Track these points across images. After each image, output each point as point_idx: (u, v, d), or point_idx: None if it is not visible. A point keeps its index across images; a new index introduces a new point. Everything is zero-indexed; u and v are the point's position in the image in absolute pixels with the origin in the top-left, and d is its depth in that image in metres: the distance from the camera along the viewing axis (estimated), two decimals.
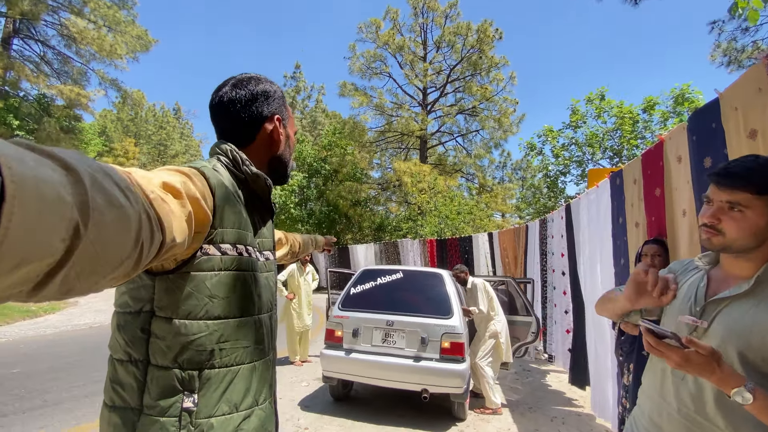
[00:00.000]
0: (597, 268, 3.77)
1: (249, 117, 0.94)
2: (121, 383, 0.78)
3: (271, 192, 0.95)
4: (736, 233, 0.96)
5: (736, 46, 10.89)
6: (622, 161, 8.12)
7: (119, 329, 0.80)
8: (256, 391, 0.87)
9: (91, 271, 0.41)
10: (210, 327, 0.78)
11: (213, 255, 0.78)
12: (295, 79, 32.82)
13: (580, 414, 4.05)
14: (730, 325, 0.94)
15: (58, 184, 0.35)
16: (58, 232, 0.35)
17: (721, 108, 1.96)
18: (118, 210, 0.43)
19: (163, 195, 0.60)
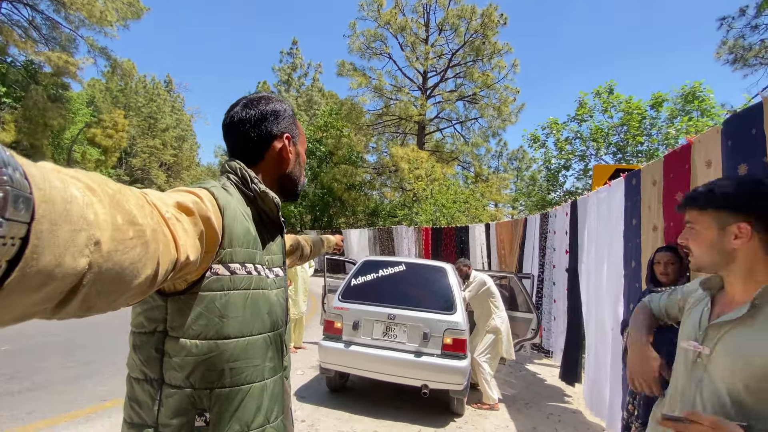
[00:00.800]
0: (603, 268, 3.71)
1: (258, 136, 0.95)
2: (138, 401, 0.80)
3: (279, 209, 0.96)
4: (696, 250, 1.01)
5: (743, 44, 10.78)
6: (626, 158, 8.05)
7: (135, 349, 0.82)
8: (268, 409, 0.88)
9: (111, 289, 0.43)
10: (221, 347, 0.80)
11: (222, 275, 0.79)
12: (291, 56, 31.92)
13: (575, 411, 4.06)
14: (733, 352, 0.93)
15: (83, 204, 0.38)
16: (82, 250, 0.37)
17: (765, 113, 1.84)
18: (137, 228, 0.45)
19: (177, 214, 0.63)
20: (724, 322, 0.97)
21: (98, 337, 5.24)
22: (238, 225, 0.82)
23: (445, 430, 3.36)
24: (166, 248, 0.54)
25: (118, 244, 0.42)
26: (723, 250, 0.96)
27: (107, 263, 0.40)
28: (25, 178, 0.32)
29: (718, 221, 0.96)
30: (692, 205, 1.01)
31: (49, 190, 0.34)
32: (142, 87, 32.20)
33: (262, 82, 33.36)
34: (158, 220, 0.53)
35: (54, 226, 0.34)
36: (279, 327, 0.94)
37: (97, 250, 0.39)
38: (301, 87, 31.89)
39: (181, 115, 37.65)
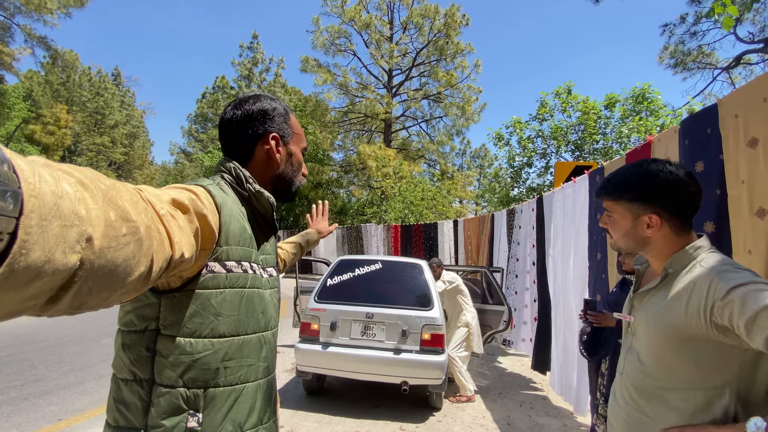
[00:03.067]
0: (570, 260, 3.90)
1: (244, 136, 0.95)
2: (125, 403, 0.78)
3: (274, 209, 0.95)
4: (615, 235, 1.08)
5: (683, 50, 11.70)
6: (584, 155, 8.53)
7: (124, 348, 0.79)
8: (261, 410, 0.87)
9: (103, 286, 0.42)
10: (215, 345, 0.79)
11: (218, 273, 0.79)
12: (252, 50, 30.82)
13: (545, 398, 4.25)
14: (648, 313, 1.03)
15: (74, 199, 0.37)
16: (73, 246, 0.36)
17: (719, 114, 2.00)
18: (130, 225, 0.45)
19: (173, 211, 0.62)
20: (644, 291, 1.07)
21: (44, 355, 4.83)
22: (235, 223, 0.82)
23: (426, 424, 3.40)
24: (160, 245, 0.53)
25: (111, 240, 0.41)
26: (637, 236, 1.03)
27: (99, 260, 0.40)
28: (14, 171, 0.31)
29: (631, 211, 1.02)
30: (607, 197, 1.07)
31: (38, 185, 0.33)
32: (87, 80, 29.85)
33: (221, 77, 32.06)
34: (152, 217, 0.53)
35: (44, 221, 0.33)
36: (273, 327, 0.94)
37: (89, 247, 0.38)
38: (263, 82, 30.90)
39: (132, 111, 35.36)
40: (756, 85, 1.77)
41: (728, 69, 10.97)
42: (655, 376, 0.98)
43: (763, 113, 1.73)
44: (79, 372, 4.19)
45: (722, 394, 0.89)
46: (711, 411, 0.90)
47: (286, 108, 1.01)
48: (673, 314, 0.94)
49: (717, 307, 0.85)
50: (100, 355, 4.82)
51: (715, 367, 0.90)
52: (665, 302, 0.98)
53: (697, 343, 0.91)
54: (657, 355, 0.98)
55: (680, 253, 0.99)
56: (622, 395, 1.07)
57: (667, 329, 0.95)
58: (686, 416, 0.92)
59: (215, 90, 32.21)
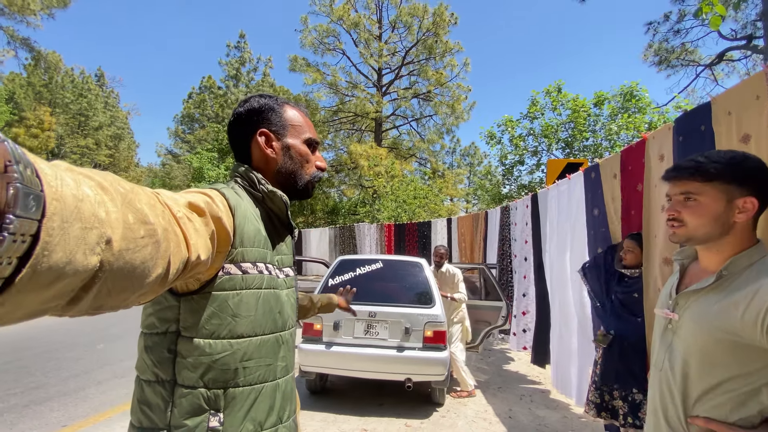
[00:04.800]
0: (566, 256, 3.98)
1: (236, 138, 0.98)
2: (149, 404, 0.79)
3: (288, 209, 0.96)
4: (695, 221, 0.99)
5: (667, 47, 11.97)
6: (574, 153, 8.70)
7: (147, 350, 0.81)
8: (280, 409, 0.88)
9: (122, 287, 0.43)
10: (234, 346, 0.80)
11: (234, 274, 0.80)
12: (239, 50, 30.47)
13: (544, 391, 4.34)
14: (697, 317, 1.00)
15: (94, 202, 0.38)
16: (93, 248, 0.37)
17: (712, 112, 2.08)
18: (148, 227, 0.46)
19: (189, 214, 0.63)
20: (692, 291, 1.04)
21: (40, 362, 4.75)
22: (249, 225, 0.83)
23: (431, 420, 3.45)
24: (177, 247, 0.54)
25: (129, 242, 0.42)
26: (726, 222, 0.97)
27: (118, 261, 0.41)
28: (37, 175, 0.32)
29: (726, 193, 0.96)
30: (696, 177, 0.99)
31: (60, 188, 0.34)
32: (70, 81, 29.16)
33: (207, 77, 31.62)
34: (170, 220, 0.54)
35: (65, 223, 0.34)
36: (290, 326, 0.95)
37: (108, 249, 0.39)
38: (250, 82, 30.58)
39: (116, 112, 34.62)
40: (749, 84, 1.85)
41: (711, 66, 11.28)
42: (696, 375, 0.99)
43: (755, 110, 1.81)
44: (78, 378, 4.13)
45: (759, 393, 0.91)
46: (745, 409, 0.92)
47: (280, 101, 1.00)
48: (729, 320, 0.92)
49: None
50: (98, 360, 4.76)
51: (756, 369, 0.91)
52: (719, 305, 0.95)
53: (745, 348, 0.91)
54: (701, 356, 0.98)
55: (741, 256, 0.97)
56: (660, 390, 1.08)
57: (717, 333, 0.94)
58: (722, 413, 0.94)
59: (202, 90, 31.77)
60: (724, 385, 0.95)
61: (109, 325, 6.73)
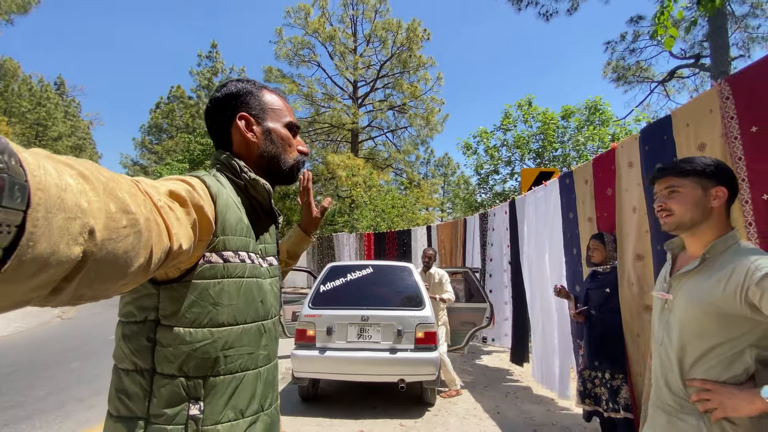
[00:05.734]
0: (545, 257, 4.23)
1: (217, 123, 0.95)
2: (127, 393, 0.78)
3: (271, 197, 0.95)
4: (681, 208, 1.19)
5: (623, 65, 12.89)
6: (544, 162, 9.19)
7: (125, 339, 0.80)
8: (262, 397, 0.88)
9: (104, 277, 0.43)
10: (214, 334, 0.80)
11: (216, 263, 0.79)
12: (211, 60, 30.03)
13: (527, 387, 4.54)
14: (687, 295, 1.18)
15: (77, 192, 0.38)
16: (76, 239, 0.37)
17: (673, 124, 2.36)
18: (130, 217, 0.45)
19: (170, 203, 0.63)
20: (682, 273, 1.22)
21: (11, 381, 4.49)
22: (231, 213, 0.82)
23: (424, 419, 3.55)
24: (158, 237, 0.53)
25: (112, 232, 0.42)
26: (705, 207, 1.17)
27: (101, 252, 0.40)
28: (21, 165, 0.32)
29: (701, 184, 1.18)
30: (674, 173, 1.22)
31: (44, 177, 0.34)
32: (27, 90, 27.69)
33: (176, 87, 30.93)
34: (151, 209, 0.53)
35: (49, 213, 0.34)
36: (273, 315, 0.94)
37: (91, 239, 0.39)
38: None
39: (77, 122, 33.07)
40: (703, 99, 2.13)
41: (663, 82, 12.24)
42: (690, 344, 1.16)
43: (709, 122, 2.09)
44: (56, 395, 3.95)
45: (743, 354, 1.09)
46: (733, 369, 1.10)
47: (258, 85, 0.98)
48: (713, 294, 1.11)
49: (751, 290, 1.03)
50: (74, 379, 4.55)
51: (740, 335, 1.09)
52: (705, 283, 1.14)
53: (729, 317, 1.09)
54: (694, 327, 1.16)
55: (719, 241, 1.16)
56: (661, 362, 1.25)
57: (705, 306, 1.12)
58: (714, 374, 1.12)
59: (171, 100, 31.00)
60: (715, 350, 1.13)
61: (82, 342, 6.43)
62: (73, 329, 7.76)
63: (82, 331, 7.58)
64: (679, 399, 1.20)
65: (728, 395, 1.08)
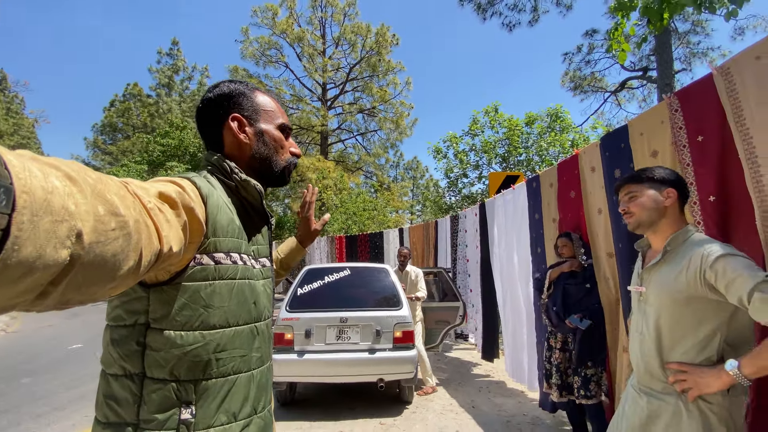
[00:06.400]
0: (514, 256, 4.45)
1: (209, 125, 0.95)
2: (116, 398, 0.77)
3: (263, 198, 0.94)
4: (638, 210, 1.40)
5: (580, 75, 13.71)
6: (510, 167, 9.61)
7: (113, 343, 0.78)
8: (255, 400, 0.87)
9: (92, 280, 0.42)
10: (206, 337, 0.79)
11: (207, 265, 0.79)
12: (171, 57, 28.82)
13: (499, 382, 4.74)
14: (657, 285, 1.36)
15: (64, 194, 0.37)
16: (63, 242, 0.36)
17: (629, 132, 2.59)
18: (119, 219, 0.45)
19: (160, 205, 0.62)
20: (650, 266, 1.39)
21: None
22: (222, 214, 0.82)
23: (403, 416, 3.63)
24: (148, 239, 0.53)
25: (100, 235, 0.41)
26: (660, 207, 1.37)
27: (89, 255, 0.40)
28: (5, 167, 0.32)
29: (654, 187, 1.39)
30: (631, 181, 1.44)
31: (29, 180, 0.33)
32: None
33: (132, 84, 29.42)
34: (140, 211, 0.52)
35: (35, 217, 0.33)
36: (266, 317, 0.94)
37: (79, 242, 0.38)
38: (185, 91, 29.00)
39: (21, 120, 30.64)
40: (656, 111, 2.36)
41: (615, 92, 13.14)
42: (666, 331, 1.30)
43: (661, 132, 2.32)
44: (11, 413, 3.67)
45: (714, 337, 1.24)
46: (705, 352, 1.24)
47: (251, 86, 0.98)
48: (678, 282, 1.27)
49: (707, 273, 1.20)
50: (27, 395, 4.25)
51: (709, 317, 1.24)
52: (669, 273, 1.31)
53: (696, 300, 1.24)
54: (666, 315, 1.31)
55: (678, 234, 1.35)
56: (641, 349, 1.39)
57: (673, 293, 1.28)
58: (690, 357, 1.27)
59: (127, 98, 29.43)
60: (688, 335, 1.28)
61: (30, 357, 5.99)
62: (18, 343, 7.20)
63: (29, 344, 7.05)
64: (658, 382, 1.34)
65: (700, 374, 1.24)
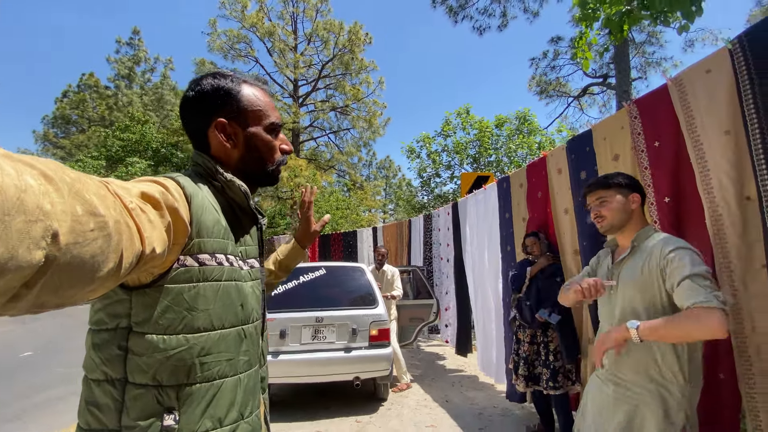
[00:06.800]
0: (485, 255, 4.59)
1: (192, 127, 0.91)
2: (98, 405, 0.75)
3: (249, 198, 0.91)
4: (610, 214, 1.54)
5: (545, 80, 14.27)
6: (480, 167, 9.89)
7: (95, 348, 0.76)
8: (242, 405, 0.85)
9: (69, 283, 0.41)
10: (190, 341, 0.77)
11: (191, 266, 0.77)
12: (132, 47, 27.37)
13: (471, 376, 4.89)
14: (624, 277, 1.50)
15: (38, 193, 0.36)
16: (38, 243, 0.35)
17: (593, 137, 2.76)
18: (98, 220, 0.44)
19: (143, 205, 0.60)
20: (619, 261, 1.55)
21: None
22: (207, 215, 0.80)
23: (378, 413, 3.67)
24: (129, 240, 0.51)
25: (78, 236, 0.40)
26: (627, 210, 1.53)
27: (65, 256, 0.39)
28: None
29: (622, 193, 1.54)
30: (602, 187, 1.57)
31: (0, 178, 0.32)
32: None
33: (88, 74, 27.70)
34: (121, 211, 0.51)
35: (6, 216, 0.32)
36: (254, 319, 0.91)
37: (55, 243, 0.37)
38: (147, 83, 27.64)
39: None
40: (617, 117, 2.52)
41: (578, 97, 13.77)
42: (632, 317, 1.44)
43: (621, 137, 2.48)
44: None
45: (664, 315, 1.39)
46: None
47: (236, 80, 0.91)
48: (642, 272, 1.43)
49: (661, 261, 1.37)
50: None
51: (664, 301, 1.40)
52: (635, 265, 1.47)
53: (656, 288, 1.41)
54: (628, 304, 1.46)
55: (641, 231, 1.51)
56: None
57: (638, 284, 1.44)
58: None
59: (81, 89, 27.68)
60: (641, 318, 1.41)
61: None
62: None
63: None
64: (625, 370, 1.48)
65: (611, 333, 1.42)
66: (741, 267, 1.54)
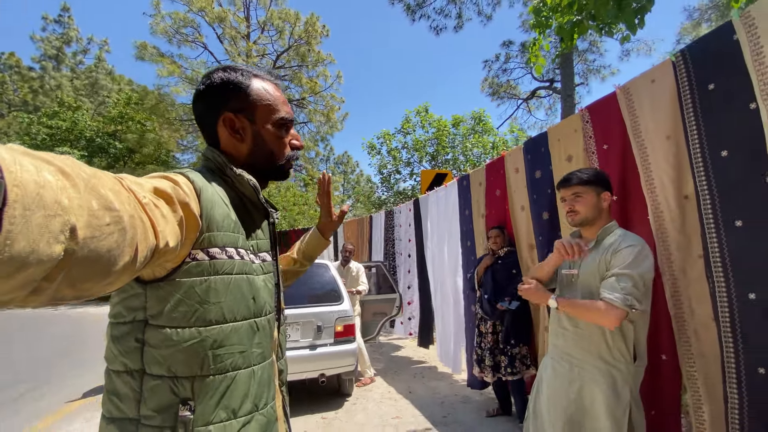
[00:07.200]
0: (444, 250, 4.74)
1: (203, 122, 0.93)
2: (118, 394, 0.78)
3: (259, 192, 0.92)
4: (584, 210, 1.65)
5: (497, 82, 14.89)
6: (438, 165, 10.14)
7: (114, 340, 0.79)
8: (256, 396, 0.86)
9: (87, 276, 0.42)
10: (202, 333, 0.78)
11: (201, 260, 0.78)
12: (61, 25, 24.72)
13: (432, 367, 5.04)
14: (586, 267, 1.64)
15: (57, 188, 0.37)
16: (57, 237, 0.36)
17: (548, 138, 2.94)
18: (113, 214, 0.45)
19: (156, 200, 0.62)
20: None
21: None
22: (217, 209, 0.81)
23: (344, 409, 3.68)
24: (144, 235, 0.53)
25: (95, 230, 0.41)
26: (599, 207, 1.65)
27: (83, 250, 0.39)
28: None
29: (595, 190, 1.64)
30: (578, 182, 1.66)
31: (20, 174, 0.33)
32: None
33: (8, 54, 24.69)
34: (135, 206, 0.52)
35: (27, 211, 0.33)
36: (267, 312, 0.92)
37: (73, 237, 0.38)
38: (78, 65, 25.12)
39: None
40: (570, 121, 2.71)
41: (527, 100, 14.54)
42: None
43: (574, 139, 2.67)
44: None
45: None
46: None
47: (246, 74, 0.92)
48: (601, 264, 1.57)
49: (612, 256, 1.52)
50: None
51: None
52: (595, 257, 1.61)
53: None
54: (587, 292, 1.60)
55: (606, 227, 1.65)
56: (569, 322, 1.66)
57: (595, 274, 1.59)
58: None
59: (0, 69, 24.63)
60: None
61: None
62: None
63: None
64: (580, 350, 1.62)
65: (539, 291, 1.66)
66: (680, 257, 1.74)
